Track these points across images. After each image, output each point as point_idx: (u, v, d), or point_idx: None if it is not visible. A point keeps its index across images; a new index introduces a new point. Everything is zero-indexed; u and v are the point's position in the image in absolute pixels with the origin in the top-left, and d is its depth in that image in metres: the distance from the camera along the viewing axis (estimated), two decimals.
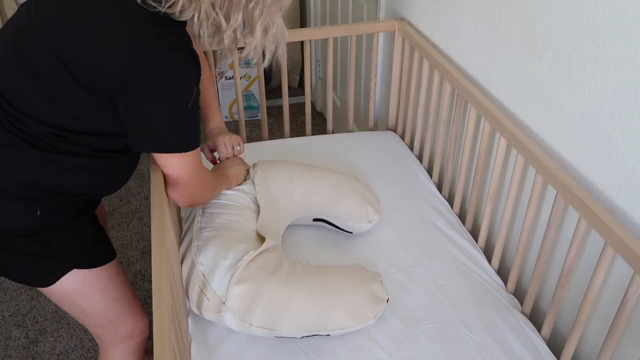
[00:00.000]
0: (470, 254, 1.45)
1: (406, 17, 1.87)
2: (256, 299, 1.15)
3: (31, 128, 1.00)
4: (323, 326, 1.17)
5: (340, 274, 1.26)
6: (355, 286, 1.22)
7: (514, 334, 1.23)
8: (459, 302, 1.31)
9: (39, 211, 1.05)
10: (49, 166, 1.03)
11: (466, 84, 1.46)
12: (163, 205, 1.12)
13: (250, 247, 1.22)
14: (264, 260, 1.20)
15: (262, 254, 1.21)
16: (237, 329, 1.18)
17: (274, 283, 1.17)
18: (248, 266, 1.17)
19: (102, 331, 1.26)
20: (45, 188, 1.05)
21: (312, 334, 1.18)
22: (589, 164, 1.13)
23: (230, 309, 1.15)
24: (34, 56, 0.98)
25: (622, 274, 1.08)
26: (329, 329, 1.17)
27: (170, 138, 1.03)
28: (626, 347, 1.09)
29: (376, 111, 2.17)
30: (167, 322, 0.89)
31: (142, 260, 2.17)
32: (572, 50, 1.13)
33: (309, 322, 1.16)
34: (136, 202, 2.48)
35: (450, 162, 1.64)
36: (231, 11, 0.99)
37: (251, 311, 1.15)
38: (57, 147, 1.02)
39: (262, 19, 1.02)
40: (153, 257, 1.01)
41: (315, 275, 1.23)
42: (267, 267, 1.19)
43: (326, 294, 1.19)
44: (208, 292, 1.17)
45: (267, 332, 1.16)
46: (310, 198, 1.45)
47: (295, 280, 1.19)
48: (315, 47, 3.00)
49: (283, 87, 1.92)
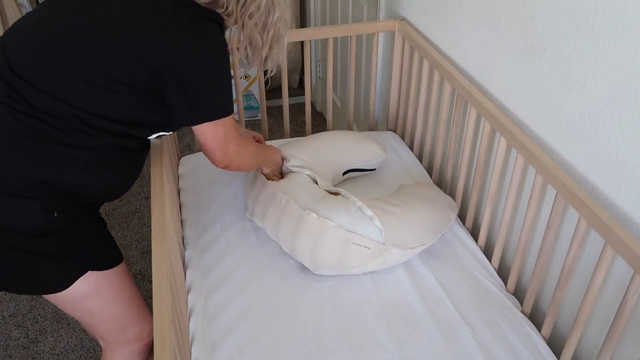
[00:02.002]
0: (471, 253, 1.45)
1: (406, 17, 1.87)
2: (400, 226, 1.33)
3: (53, 113, 1.00)
4: (445, 224, 1.45)
5: (416, 192, 1.51)
6: (438, 192, 1.55)
7: (515, 334, 1.23)
8: (461, 301, 1.31)
9: (56, 212, 1.04)
10: (60, 161, 1.03)
11: (466, 84, 1.46)
12: (163, 205, 1.12)
13: (344, 198, 1.38)
14: (369, 200, 1.38)
15: (357, 196, 1.40)
16: (402, 260, 1.37)
17: (400, 209, 1.37)
18: (371, 206, 1.34)
19: (110, 334, 1.24)
20: (57, 186, 1.04)
21: (441, 234, 1.45)
22: (589, 164, 1.13)
23: (393, 244, 1.32)
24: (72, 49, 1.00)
25: (622, 274, 1.08)
26: (447, 226, 1.46)
27: (218, 106, 1.09)
28: (626, 347, 1.09)
29: (376, 111, 2.17)
30: (167, 322, 0.89)
31: (142, 260, 2.17)
32: (572, 50, 1.13)
33: (436, 225, 1.41)
34: (136, 202, 2.48)
35: (450, 162, 1.64)
36: (265, 29, 1.12)
37: (404, 237, 1.33)
38: (72, 136, 1.02)
39: (285, 35, 1.16)
40: (153, 257, 1.01)
41: (407, 195, 1.47)
42: (380, 202, 1.38)
43: (429, 204, 1.44)
44: (364, 242, 1.30)
45: (419, 250, 1.37)
46: (335, 157, 1.64)
47: (407, 201, 1.41)
48: (315, 47, 3.00)
49: (283, 87, 1.92)
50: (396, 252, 1.34)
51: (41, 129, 1.01)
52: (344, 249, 1.31)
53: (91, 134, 1.04)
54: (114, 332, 1.24)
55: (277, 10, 1.11)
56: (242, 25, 1.10)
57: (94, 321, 1.21)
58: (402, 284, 1.36)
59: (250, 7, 1.08)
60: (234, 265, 1.41)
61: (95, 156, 1.06)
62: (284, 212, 1.38)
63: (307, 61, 1.88)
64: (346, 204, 1.35)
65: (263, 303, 1.30)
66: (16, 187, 1.01)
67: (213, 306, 1.29)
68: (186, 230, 1.53)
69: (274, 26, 1.12)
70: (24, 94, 1.01)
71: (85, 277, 1.12)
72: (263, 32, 1.12)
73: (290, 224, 1.37)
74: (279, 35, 1.15)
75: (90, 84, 1.01)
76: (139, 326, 1.27)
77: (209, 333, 1.23)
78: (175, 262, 1.20)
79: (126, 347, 1.28)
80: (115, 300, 1.19)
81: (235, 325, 1.24)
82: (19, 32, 1.06)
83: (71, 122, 1.02)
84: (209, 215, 1.57)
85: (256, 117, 3.10)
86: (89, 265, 1.12)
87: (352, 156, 1.66)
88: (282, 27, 1.14)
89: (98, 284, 1.15)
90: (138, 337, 1.28)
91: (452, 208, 1.52)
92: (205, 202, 1.62)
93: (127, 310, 1.23)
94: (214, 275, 1.38)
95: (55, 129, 1.01)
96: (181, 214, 1.59)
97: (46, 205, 1.03)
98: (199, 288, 1.34)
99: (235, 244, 1.47)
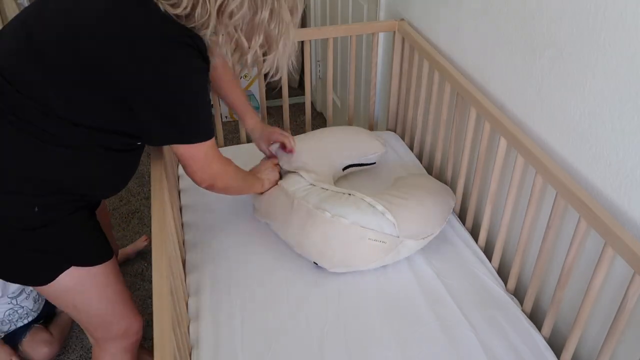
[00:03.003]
0: (473, 253, 1.45)
1: (406, 17, 1.87)
2: (410, 218, 1.36)
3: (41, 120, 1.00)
4: (448, 211, 1.49)
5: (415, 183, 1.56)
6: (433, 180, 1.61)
7: (517, 333, 1.23)
8: (463, 301, 1.31)
9: (37, 207, 1.05)
10: (51, 160, 1.03)
11: (466, 84, 1.46)
12: (163, 205, 1.12)
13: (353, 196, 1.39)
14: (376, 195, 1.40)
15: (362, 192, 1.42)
16: (414, 250, 1.40)
17: (407, 200, 1.41)
18: (380, 199, 1.37)
19: (95, 329, 1.26)
20: (45, 184, 1.04)
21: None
22: (589, 164, 1.13)
23: (407, 236, 1.35)
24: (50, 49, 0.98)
25: (622, 274, 1.08)
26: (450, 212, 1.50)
27: (189, 129, 1.07)
28: (626, 347, 1.09)
29: (376, 111, 2.17)
30: (167, 322, 0.89)
31: (142, 260, 2.17)
32: (572, 50, 1.13)
33: (441, 213, 1.45)
34: (136, 202, 2.48)
35: (450, 162, 1.64)
36: (253, 33, 1.03)
37: (416, 228, 1.37)
38: (61, 139, 1.02)
39: (283, 37, 1.06)
40: (153, 257, 1.01)
41: (407, 187, 1.51)
42: (385, 196, 1.41)
43: (431, 193, 1.48)
44: (380, 237, 1.32)
45: (430, 239, 1.41)
46: (334, 154, 1.65)
47: (410, 192, 1.45)
48: (315, 47, 3.00)
49: (283, 87, 1.92)
50: (410, 243, 1.37)
51: (20, 126, 1.00)
52: (360, 245, 1.33)
53: (70, 134, 1.03)
54: (99, 328, 1.26)
55: (264, 9, 1.00)
56: (219, 25, 0.99)
57: (80, 316, 1.22)
58: (405, 284, 1.36)
59: (230, 5, 0.97)
60: (237, 267, 1.41)
61: (77, 152, 1.05)
62: (293, 210, 1.39)
63: (307, 61, 1.88)
64: (355, 201, 1.36)
65: (266, 304, 1.30)
66: (6, 184, 1.02)
67: (216, 308, 1.29)
68: (189, 233, 1.52)
69: (266, 28, 1.02)
70: (5, 92, 1.00)
71: (69, 272, 1.13)
72: (251, 34, 1.03)
73: (300, 222, 1.37)
74: (274, 38, 1.05)
75: (61, 88, 0.99)
76: (125, 324, 1.27)
77: (209, 334, 1.23)
78: (175, 262, 1.20)
79: (113, 343, 1.29)
80: (99, 297, 1.20)
81: (237, 326, 1.24)
82: (8, 31, 1.05)
83: (49, 121, 1.00)
84: (210, 216, 1.57)
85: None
86: (73, 261, 1.13)
87: (351, 151, 1.68)
88: (278, 30, 1.04)
89: (82, 279, 1.15)
90: (124, 334, 1.28)
91: (450, 195, 1.55)
92: (206, 203, 1.62)
93: (112, 307, 1.23)
94: (217, 277, 1.38)
95: (34, 126, 1.00)
96: (183, 216, 1.59)
97: (27, 201, 1.04)
98: (202, 290, 1.34)
99: (239, 245, 1.47)
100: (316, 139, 1.66)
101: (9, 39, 1.03)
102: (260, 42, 1.04)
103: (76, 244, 1.14)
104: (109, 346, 1.30)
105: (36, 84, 0.99)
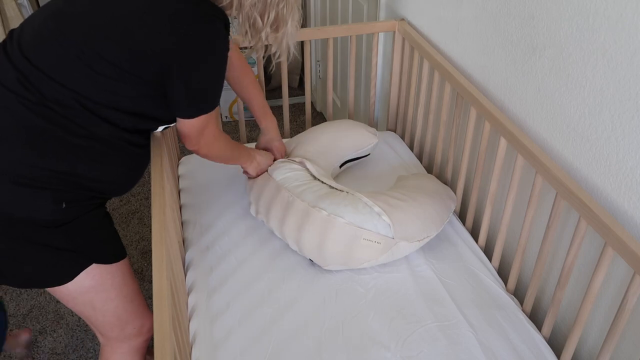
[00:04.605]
0: (473, 253, 1.45)
1: (406, 17, 1.87)
2: (407, 220, 1.36)
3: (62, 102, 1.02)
4: (447, 214, 1.48)
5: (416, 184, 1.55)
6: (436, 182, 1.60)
7: (517, 333, 1.23)
8: (462, 301, 1.31)
9: (64, 203, 1.06)
10: (69, 151, 1.04)
11: (466, 84, 1.46)
12: (163, 205, 1.12)
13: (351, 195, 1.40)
14: (373, 195, 1.40)
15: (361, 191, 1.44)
16: (409, 252, 1.40)
17: (405, 202, 1.40)
18: (378, 200, 1.37)
19: (110, 328, 1.25)
20: (65, 177, 1.05)
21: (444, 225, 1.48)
22: (589, 164, 1.13)
23: (402, 238, 1.35)
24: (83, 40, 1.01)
25: (622, 274, 1.08)
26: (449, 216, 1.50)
27: (209, 102, 1.14)
28: (626, 347, 1.09)
29: (376, 111, 2.17)
30: (167, 322, 0.89)
31: (142, 260, 2.17)
32: (572, 50, 1.13)
33: (439, 216, 1.44)
34: (136, 202, 2.48)
35: (450, 162, 1.64)
36: (265, 11, 1.14)
37: (411, 230, 1.37)
38: (80, 126, 1.04)
39: (290, 17, 1.18)
40: (153, 257, 1.01)
41: (408, 189, 1.50)
42: (383, 196, 1.41)
43: (431, 195, 1.47)
44: (374, 237, 1.33)
45: (425, 241, 1.41)
46: (329, 153, 1.65)
47: (409, 194, 1.45)
48: (315, 47, 3.00)
49: (283, 87, 1.92)
50: (404, 245, 1.37)
51: (50, 117, 1.02)
52: (355, 245, 1.33)
53: (98, 124, 1.06)
54: (115, 328, 1.25)
55: None
56: (240, 5, 1.11)
57: (95, 316, 1.21)
58: (405, 284, 1.36)
59: None
60: (235, 265, 1.41)
61: (102, 147, 1.08)
62: (289, 208, 1.39)
63: (307, 61, 1.88)
64: (353, 201, 1.37)
65: (265, 302, 1.31)
66: (26, 177, 1.02)
67: (214, 306, 1.29)
68: (187, 231, 1.53)
69: (276, 7, 1.14)
70: (35, 82, 1.02)
71: (89, 270, 1.13)
72: (264, 12, 1.14)
73: (296, 220, 1.37)
74: (282, 17, 1.16)
75: (99, 73, 1.02)
76: (139, 322, 1.28)
77: (209, 333, 1.23)
78: (175, 262, 1.20)
79: (125, 342, 1.29)
80: (117, 296, 1.20)
81: (236, 326, 1.25)
82: (33, 22, 1.07)
83: (79, 111, 1.03)
84: (210, 216, 1.57)
85: None
86: (94, 259, 1.14)
87: (345, 148, 1.69)
88: (286, 10, 1.16)
89: (102, 278, 1.16)
90: (138, 332, 1.28)
91: (451, 198, 1.55)
92: (205, 202, 1.62)
93: (129, 306, 1.23)
94: (215, 275, 1.38)
95: (64, 117, 1.03)
96: (182, 215, 1.59)
97: (55, 196, 1.05)
98: (201, 288, 1.34)
99: (237, 243, 1.48)
100: (309, 144, 1.65)
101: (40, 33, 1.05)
102: (271, 21, 1.15)
103: (96, 242, 1.15)
104: (121, 345, 1.29)
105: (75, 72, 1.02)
